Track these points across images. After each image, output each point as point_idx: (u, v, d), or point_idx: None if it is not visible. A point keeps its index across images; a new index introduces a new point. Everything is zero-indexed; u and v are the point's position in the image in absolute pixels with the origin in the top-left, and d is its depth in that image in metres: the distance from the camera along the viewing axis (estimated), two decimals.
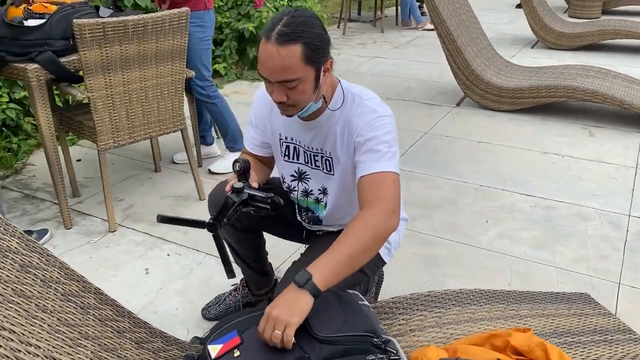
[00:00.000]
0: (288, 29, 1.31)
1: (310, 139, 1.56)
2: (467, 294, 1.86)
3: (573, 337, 1.74)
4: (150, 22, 2.36)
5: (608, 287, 2.18)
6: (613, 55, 5.66)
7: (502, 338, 1.45)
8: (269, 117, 1.64)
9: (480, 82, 4.07)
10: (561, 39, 5.86)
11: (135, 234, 2.59)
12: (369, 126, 1.45)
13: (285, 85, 1.35)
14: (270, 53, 1.32)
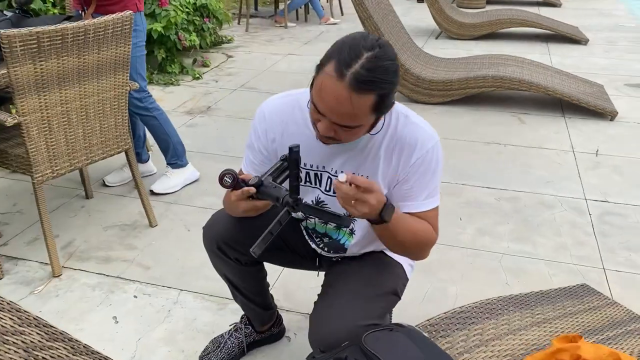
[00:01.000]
0: (369, 74, 1.12)
1: (341, 163, 1.39)
2: (494, 304, 1.80)
3: (602, 334, 1.74)
4: (92, 30, 2.01)
5: (595, 273, 2.24)
6: (513, 43, 5.99)
7: (568, 352, 1.39)
8: (279, 141, 1.43)
9: (410, 76, 4.08)
10: (463, 29, 6.10)
11: (86, 276, 2.23)
12: (429, 153, 1.33)
13: (341, 127, 1.19)
14: (340, 96, 1.13)
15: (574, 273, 2.24)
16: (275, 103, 1.46)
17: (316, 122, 1.22)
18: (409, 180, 1.35)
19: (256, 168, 1.51)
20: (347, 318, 1.37)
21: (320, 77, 1.16)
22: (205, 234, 1.59)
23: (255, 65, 5.24)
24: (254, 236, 1.54)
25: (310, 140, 1.38)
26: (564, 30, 5.94)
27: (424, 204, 1.36)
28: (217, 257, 1.60)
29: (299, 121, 1.40)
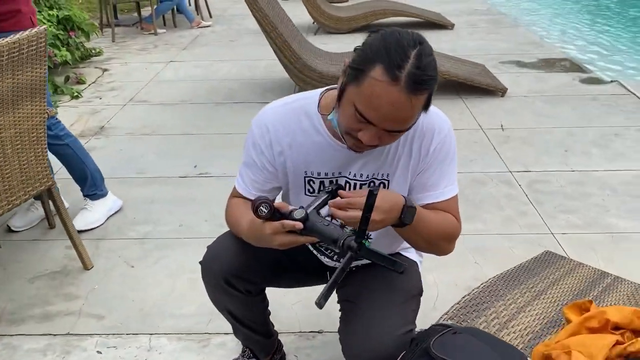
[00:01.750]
0: (423, 73, 1.04)
1: (360, 166, 1.31)
2: (493, 285, 1.83)
3: (588, 294, 1.86)
4: (6, 51, 1.69)
5: (547, 239, 2.39)
6: None
7: (595, 318, 1.45)
8: (288, 154, 1.31)
9: (313, 72, 4.05)
10: (340, 23, 6.21)
11: (29, 341, 1.89)
12: (446, 136, 1.30)
13: (390, 132, 1.11)
14: (397, 101, 1.04)
15: (529, 242, 2.37)
16: (277, 112, 1.33)
17: (355, 132, 1.13)
18: (430, 169, 1.31)
19: (260, 187, 1.37)
20: (386, 329, 1.31)
21: (367, 84, 1.05)
22: (209, 268, 1.42)
23: (138, 77, 4.86)
24: (264, 261, 1.41)
25: (323, 148, 1.29)
26: (431, 17, 6.32)
27: (444, 192, 1.32)
28: (223, 292, 1.43)
29: (307, 129, 1.30)
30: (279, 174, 1.35)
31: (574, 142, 3.29)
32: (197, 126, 3.73)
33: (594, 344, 1.35)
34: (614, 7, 8.22)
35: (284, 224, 1.09)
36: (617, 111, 3.78)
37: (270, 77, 4.74)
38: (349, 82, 1.10)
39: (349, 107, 1.11)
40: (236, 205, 1.39)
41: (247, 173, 1.38)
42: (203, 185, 2.94)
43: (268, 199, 1.11)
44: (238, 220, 1.34)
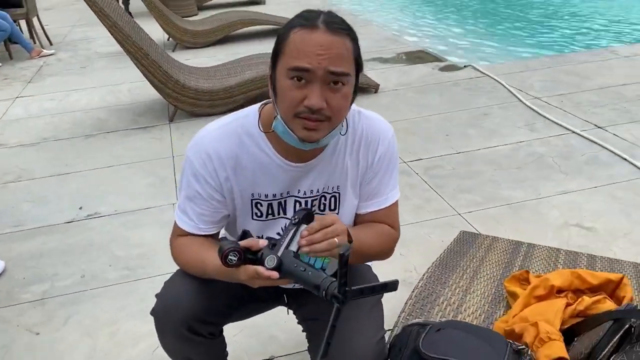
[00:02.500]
0: (336, 18, 1.09)
1: (310, 182, 1.26)
2: (434, 274, 1.88)
3: (515, 265, 1.99)
4: None
5: (457, 220, 2.52)
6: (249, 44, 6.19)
7: (541, 286, 1.55)
8: (233, 178, 1.23)
9: (188, 90, 3.88)
10: (198, 37, 6.04)
11: None
12: (390, 143, 1.30)
13: (330, 83, 1.07)
14: (322, 39, 1.05)
15: (442, 226, 2.48)
16: (216, 136, 1.23)
17: (300, 105, 1.07)
18: (376, 177, 1.30)
19: (209, 219, 1.28)
20: (362, 339, 1.29)
21: (290, 45, 1.06)
22: (167, 317, 1.27)
23: None
24: (222, 299, 1.32)
25: (269, 168, 1.23)
26: None
27: (388, 198, 1.33)
28: (185, 341, 1.30)
29: (251, 150, 1.22)
30: (227, 201, 1.26)
31: (452, 126, 3.53)
32: (69, 164, 3.38)
33: (548, 311, 1.43)
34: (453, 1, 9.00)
35: (260, 274, 1.04)
36: (479, 93, 4.12)
37: (139, 100, 4.46)
38: (274, 67, 1.10)
39: (284, 81, 1.08)
40: (188, 245, 1.28)
41: (191, 207, 1.26)
42: (96, 227, 2.67)
43: (236, 245, 1.05)
44: (198, 259, 1.23)
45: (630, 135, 3.26)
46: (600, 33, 6.20)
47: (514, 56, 5.36)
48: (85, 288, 2.23)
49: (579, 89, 4.06)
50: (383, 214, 1.32)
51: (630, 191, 2.67)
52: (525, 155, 3.11)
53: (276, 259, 1.04)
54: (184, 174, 1.26)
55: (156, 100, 4.41)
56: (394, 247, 1.38)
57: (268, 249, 1.07)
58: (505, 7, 8.20)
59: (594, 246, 2.25)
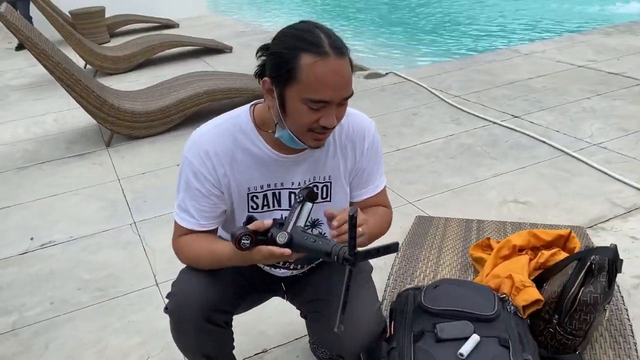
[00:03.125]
0: (337, 39, 1.18)
1: (302, 173, 1.37)
2: (405, 252, 2.05)
3: (470, 239, 2.20)
4: None
5: (410, 207, 2.72)
6: (173, 65, 6.15)
7: (505, 247, 1.76)
8: (230, 173, 1.33)
9: (124, 113, 3.86)
10: (119, 63, 5.95)
11: None
12: (374, 136, 1.44)
13: (341, 103, 1.20)
14: (337, 68, 1.15)
15: (398, 215, 2.62)
16: (211, 135, 1.33)
17: (315, 124, 1.19)
18: (367, 168, 1.43)
19: (210, 215, 1.36)
20: (364, 311, 1.41)
21: (306, 74, 1.13)
22: (186, 312, 1.33)
23: None
24: (230, 289, 1.41)
25: (264, 161, 1.33)
26: (208, 43, 6.45)
27: (379, 185, 1.47)
28: (204, 332, 1.36)
29: (246, 146, 1.32)
30: (225, 196, 1.35)
31: (387, 127, 3.76)
32: (6, 197, 3.26)
33: (515, 266, 1.64)
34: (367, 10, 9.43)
35: (273, 252, 1.13)
36: (404, 96, 4.41)
37: (68, 129, 4.35)
38: (284, 87, 1.17)
39: (299, 105, 1.17)
40: (194, 241, 1.35)
41: (192, 205, 1.34)
42: (54, 255, 2.61)
43: (247, 229, 1.13)
44: (208, 250, 1.31)
45: (543, 121, 3.65)
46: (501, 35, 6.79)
47: (428, 61, 5.75)
48: (58, 313, 2.19)
49: (492, 85, 4.46)
50: (377, 198, 1.46)
51: (552, 168, 3.01)
52: (457, 147, 3.39)
53: (287, 235, 1.13)
54: (182, 174, 1.34)
55: (87, 126, 4.32)
56: (391, 222, 1.51)
57: (277, 229, 1.16)
58: (410, 16, 8.74)
59: (532, 217, 2.53)
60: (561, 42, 5.64)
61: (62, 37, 5.70)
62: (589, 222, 2.45)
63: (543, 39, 6.06)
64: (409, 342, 1.28)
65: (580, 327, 1.41)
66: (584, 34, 5.98)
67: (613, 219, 2.48)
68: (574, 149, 3.19)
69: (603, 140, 3.30)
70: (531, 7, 8.63)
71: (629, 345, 1.56)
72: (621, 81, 4.30)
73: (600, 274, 1.38)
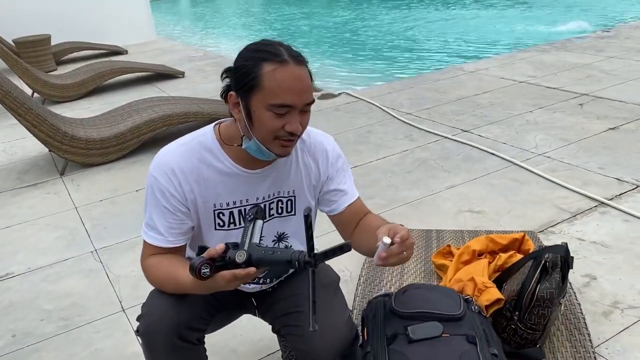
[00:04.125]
0: (296, 52, 1.27)
1: (266, 188, 1.42)
2: (371, 268, 2.11)
3: (432, 248, 2.29)
4: None
5: None
6: (124, 92, 6.10)
7: (465, 253, 1.85)
8: (197, 190, 1.36)
9: (79, 141, 3.80)
10: (67, 91, 5.85)
11: None
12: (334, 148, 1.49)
13: (304, 110, 1.26)
14: (297, 74, 1.23)
15: None
16: (177, 153, 1.36)
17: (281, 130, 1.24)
18: (337, 177, 1.47)
19: (177, 231, 1.39)
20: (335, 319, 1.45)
21: (267, 80, 1.20)
22: (158, 332, 1.33)
23: None
24: (200, 306, 1.43)
25: (229, 177, 1.37)
26: (159, 69, 6.43)
27: (354, 192, 1.51)
28: (177, 351, 1.37)
29: (211, 162, 1.36)
30: (192, 213, 1.38)
31: (343, 145, 3.83)
32: None
33: (476, 270, 1.73)
34: (323, 34, 9.61)
35: (237, 275, 1.13)
36: (358, 115, 4.54)
37: (17, 159, 4.24)
38: (248, 97, 1.23)
39: (263, 112, 1.23)
40: (159, 265, 1.37)
41: (159, 222, 1.36)
42: (13, 287, 2.54)
43: (203, 258, 1.13)
44: (172, 279, 1.32)
45: (491, 134, 3.84)
46: (446, 54, 7.08)
47: (377, 80, 5.93)
48: (21, 346, 2.14)
49: (441, 102, 4.65)
50: (357, 206, 1.49)
51: (502, 178, 3.17)
52: (412, 161, 3.52)
53: (245, 253, 1.14)
54: (148, 192, 1.36)
55: (39, 156, 4.23)
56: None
57: (232, 250, 1.16)
58: (356, 38, 8.98)
59: (487, 225, 2.66)
60: (503, 60, 5.94)
61: (8, 65, 5.57)
62: (540, 227, 2.60)
63: (484, 57, 6.36)
64: (382, 345, 1.34)
65: (539, 322, 1.51)
66: (523, 51, 6.33)
67: (561, 223, 2.63)
68: (521, 159, 3.37)
69: (547, 150, 3.50)
70: (473, 27, 9.05)
71: (584, 337, 1.67)
72: (559, 95, 4.57)
73: (554, 271, 1.49)
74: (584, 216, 2.68)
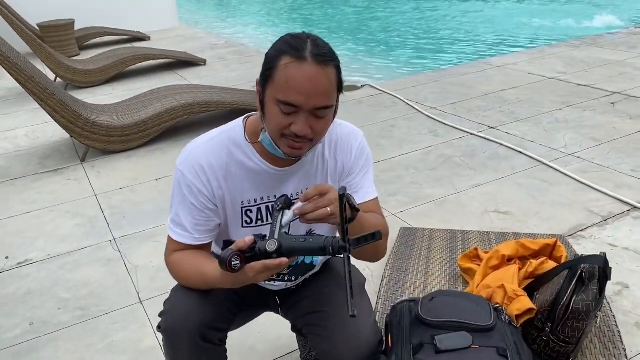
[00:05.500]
0: (322, 48, 1.17)
1: (295, 185, 1.37)
2: (393, 264, 2.05)
3: (457, 250, 2.22)
4: None
5: (393, 219, 2.73)
6: (146, 79, 6.08)
7: (494, 257, 1.78)
8: (225, 187, 1.32)
9: (100, 128, 3.79)
10: (90, 77, 5.85)
11: None
12: (361, 143, 1.42)
13: (316, 114, 1.17)
14: (310, 74, 1.13)
15: None
16: (206, 148, 1.31)
17: (287, 129, 1.18)
18: (354, 172, 1.40)
19: (204, 228, 1.35)
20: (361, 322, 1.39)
21: (279, 74, 1.14)
22: (181, 331, 1.30)
23: None
24: (224, 305, 1.38)
25: (257, 173, 1.33)
26: (181, 56, 6.40)
27: (369, 192, 1.42)
28: (199, 351, 1.34)
29: (239, 159, 1.31)
30: (219, 210, 1.34)
31: (366, 139, 3.78)
32: None
33: (505, 276, 1.66)
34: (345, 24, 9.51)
35: (268, 265, 1.09)
36: (381, 108, 4.46)
37: (40, 144, 4.25)
38: (264, 87, 1.18)
39: (273, 106, 1.17)
40: (185, 259, 1.33)
41: (186, 218, 1.32)
42: (31, 274, 2.53)
43: (233, 250, 1.10)
44: (199, 273, 1.28)
45: (518, 132, 3.73)
46: (473, 47, 6.93)
47: (401, 73, 5.83)
48: (38, 335, 2.12)
49: (467, 97, 4.54)
50: (368, 207, 1.39)
51: (530, 178, 3.07)
52: (436, 158, 3.44)
53: (276, 241, 1.09)
54: (176, 187, 1.32)
55: (60, 141, 4.23)
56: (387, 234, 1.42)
57: (261, 241, 1.12)
58: (382, 29, 8.85)
59: (514, 227, 2.57)
60: (531, 55, 5.79)
61: (32, 50, 5.59)
62: (569, 231, 2.51)
63: (512, 52, 6.21)
64: (408, 354, 1.28)
65: (573, 335, 1.44)
66: (553, 46, 6.16)
67: (591, 227, 2.54)
68: (549, 158, 3.27)
69: (577, 150, 3.38)
70: (501, 20, 8.86)
71: (619, 352, 1.59)
72: (590, 92, 4.43)
73: (591, 282, 1.41)
74: (615, 221, 2.58)
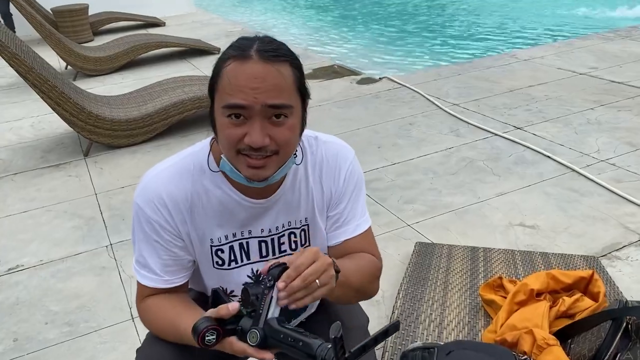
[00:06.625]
0: (271, 45, 0.98)
1: (274, 218, 1.16)
2: (406, 291, 1.85)
3: (478, 274, 2.01)
4: None
5: (408, 230, 2.53)
6: (157, 67, 5.93)
7: (521, 292, 1.57)
8: (190, 222, 1.12)
9: (104, 121, 3.63)
10: (100, 64, 5.70)
11: None
12: (352, 165, 1.21)
13: (272, 117, 0.98)
14: (257, 71, 0.95)
15: (395, 239, 2.48)
16: (166, 177, 1.11)
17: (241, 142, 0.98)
18: (342, 202, 1.20)
19: (175, 269, 1.15)
20: None
21: (223, 79, 0.97)
22: None
23: None
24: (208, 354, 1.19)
25: (227, 204, 1.12)
26: (194, 44, 6.22)
27: (360, 225, 1.21)
28: None
29: (207, 187, 1.11)
30: (189, 246, 1.14)
31: (381, 138, 3.57)
32: None
33: (534, 316, 1.45)
34: (355, 13, 9.23)
35: (249, 352, 0.93)
36: (399, 103, 4.22)
37: (45, 136, 4.11)
38: (212, 101, 1.02)
39: (221, 118, 0.99)
40: (157, 308, 1.14)
41: (151, 259, 1.13)
42: (22, 281, 2.39)
43: (210, 321, 0.93)
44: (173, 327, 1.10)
45: (547, 133, 3.48)
46: (498, 39, 6.62)
47: (421, 65, 5.57)
48: (21, 354, 1.98)
49: (492, 93, 4.28)
50: (358, 242, 1.20)
51: (559, 187, 2.83)
52: (457, 161, 3.21)
53: (259, 333, 0.92)
54: (135, 224, 1.12)
55: (65, 133, 4.09)
56: (379, 275, 1.25)
57: (247, 318, 0.94)
58: (404, 19, 8.55)
59: (541, 243, 2.35)
60: (560, 48, 5.48)
61: (42, 36, 5.45)
62: (602, 250, 2.28)
63: (538, 44, 5.90)
64: None
65: None
66: (583, 38, 5.83)
67: (628, 246, 2.30)
68: (580, 165, 3.02)
69: (611, 155, 3.13)
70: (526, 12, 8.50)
71: None
72: (625, 90, 4.14)
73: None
74: None
